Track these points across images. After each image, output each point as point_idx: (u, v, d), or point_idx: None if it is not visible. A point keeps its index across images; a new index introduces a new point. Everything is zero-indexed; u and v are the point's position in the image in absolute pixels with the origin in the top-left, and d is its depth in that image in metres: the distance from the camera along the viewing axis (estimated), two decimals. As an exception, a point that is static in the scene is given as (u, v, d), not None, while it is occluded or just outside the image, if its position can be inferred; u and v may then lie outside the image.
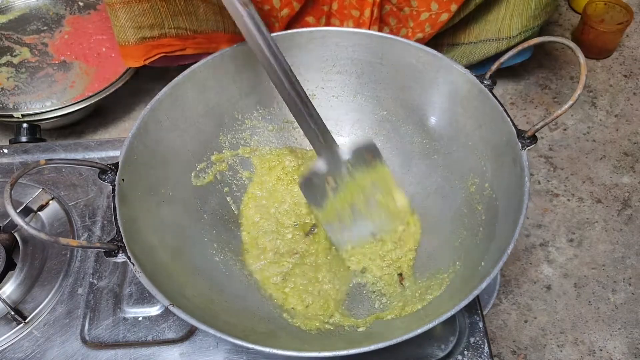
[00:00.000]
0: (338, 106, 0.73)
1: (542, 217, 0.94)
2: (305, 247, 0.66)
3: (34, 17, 1.12)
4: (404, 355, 0.58)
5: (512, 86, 1.12)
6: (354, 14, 0.88)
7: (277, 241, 0.66)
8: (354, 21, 0.88)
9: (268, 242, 0.66)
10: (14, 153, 0.77)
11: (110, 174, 0.54)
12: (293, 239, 0.66)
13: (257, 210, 0.69)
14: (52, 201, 0.71)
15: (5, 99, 0.99)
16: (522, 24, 0.93)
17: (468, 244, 0.60)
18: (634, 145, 1.03)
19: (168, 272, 0.54)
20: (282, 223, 0.68)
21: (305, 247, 0.66)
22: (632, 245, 0.90)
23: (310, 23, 0.92)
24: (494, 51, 0.97)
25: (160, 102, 0.61)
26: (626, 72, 1.14)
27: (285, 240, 0.66)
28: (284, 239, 0.66)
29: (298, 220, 0.68)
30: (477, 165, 0.62)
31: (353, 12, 0.88)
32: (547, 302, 0.85)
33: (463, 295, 0.48)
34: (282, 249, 0.65)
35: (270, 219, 0.68)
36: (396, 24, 0.92)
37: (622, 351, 0.80)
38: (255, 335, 0.53)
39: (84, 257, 0.67)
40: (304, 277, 0.62)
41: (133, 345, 0.59)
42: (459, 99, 0.63)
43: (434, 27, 0.89)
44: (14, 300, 0.62)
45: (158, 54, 0.84)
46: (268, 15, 0.86)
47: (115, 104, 1.08)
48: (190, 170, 0.66)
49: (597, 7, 1.13)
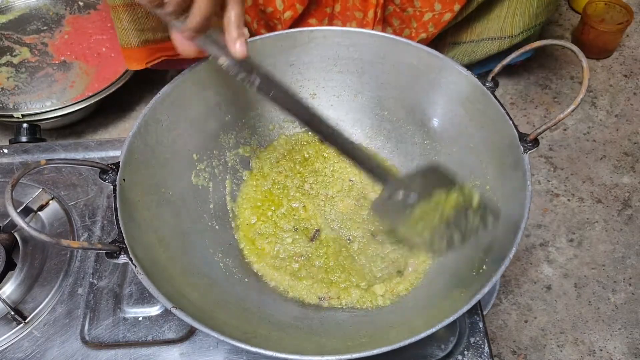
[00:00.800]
0: (339, 106, 0.73)
1: (542, 217, 0.94)
2: (311, 251, 0.65)
3: (34, 17, 1.12)
4: (404, 356, 0.58)
5: (512, 86, 1.12)
6: (357, 16, 0.87)
7: (276, 245, 0.65)
8: (357, 22, 0.88)
9: (267, 245, 0.66)
10: (14, 153, 0.76)
11: (111, 174, 0.53)
12: (294, 243, 0.66)
13: (253, 212, 0.68)
14: (52, 201, 0.71)
15: (5, 99, 0.99)
16: (524, 23, 0.93)
17: (469, 247, 0.60)
18: (634, 145, 1.03)
19: (168, 273, 0.54)
20: (281, 227, 0.67)
21: (311, 251, 0.65)
22: (632, 245, 0.90)
23: (312, 25, 0.92)
24: (496, 49, 0.97)
25: (160, 102, 0.60)
26: (626, 72, 1.14)
27: (285, 244, 0.66)
28: (283, 242, 0.66)
29: (297, 224, 0.68)
30: (478, 167, 0.62)
31: (356, 14, 0.87)
32: (547, 302, 0.85)
33: (465, 299, 0.48)
34: (282, 253, 0.65)
35: (268, 222, 0.68)
36: (399, 25, 0.92)
37: (622, 351, 0.80)
38: (257, 337, 0.52)
39: (84, 257, 0.67)
40: (312, 279, 0.62)
41: (133, 345, 0.59)
42: (461, 101, 0.63)
43: (437, 27, 0.89)
44: (14, 300, 0.62)
45: (160, 57, 0.84)
46: (271, 17, 0.86)
47: (115, 104, 1.08)
48: (190, 169, 0.65)
49: (597, 7, 1.13)
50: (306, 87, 0.72)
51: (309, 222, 0.68)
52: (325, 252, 0.65)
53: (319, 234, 0.67)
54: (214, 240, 0.64)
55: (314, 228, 0.67)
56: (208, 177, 0.67)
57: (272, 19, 0.87)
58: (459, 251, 0.59)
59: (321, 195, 0.70)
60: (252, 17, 0.90)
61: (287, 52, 0.68)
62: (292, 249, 0.65)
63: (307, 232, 0.67)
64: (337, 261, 0.64)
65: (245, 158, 0.72)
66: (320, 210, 0.69)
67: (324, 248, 0.65)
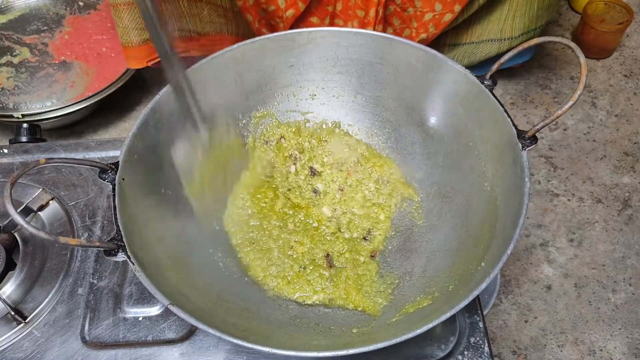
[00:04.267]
0: (338, 106, 0.73)
1: (542, 217, 0.94)
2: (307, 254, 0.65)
3: (34, 17, 1.13)
4: (404, 355, 0.58)
5: (512, 86, 1.12)
6: (359, 14, 0.88)
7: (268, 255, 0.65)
8: (359, 21, 0.89)
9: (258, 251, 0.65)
10: (14, 153, 0.77)
11: (110, 173, 0.54)
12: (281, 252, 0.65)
13: (234, 225, 0.67)
14: (52, 201, 0.71)
15: (5, 99, 0.99)
16: (525, 25, 0.93)
17: (468, 244, 0.60)
18: (634, 145, 1.03)
19: (168, 271, 0.54)
20: (271, 234, 0.66)
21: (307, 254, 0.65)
22: (632, 245, 0.90)
23: (314, 23, 0.92)
24: (496, 51, 0.97)
25: (161, 102, 0.61)
26: (626, 72, 1.14)
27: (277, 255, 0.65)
28: (275, 252, 0.65)
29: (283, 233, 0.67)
30: (477, 165, 0.62)
31: (358, 12, 0.88)
32: (548, 302, 0.85)
33: (463, 296, 0.48)
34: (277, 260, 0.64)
35: (255, 230, 0.67)
36: (400, 25, 0.92)
37: (622, 351, 0.80)
38: (256, 334, 0.52)
39: (84, 257, 0.67)
40: (311, 285, 0.63)
41: (133, 345, 0.59)
42: (460, 100, 0.63)
43: (437, 28, 0.89)
44: (14, 300, 0.62)
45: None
46: (273, 16, 0.87)
47: (115, 104, 1.08)
48: (190, 170, 0.65)
49: (597, 7, 1.13)
50: (306, 88, 0.72)
51: (296, 236, 0.67)
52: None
53: (331, 260, 0.65)
54: (213, 239, 0.64)
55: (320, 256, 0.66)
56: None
57: (274, 18, 0.87)
58: (455, 245, 0.59)
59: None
60: (253, 16, 0.90)
61: (287, 53, 0.68)
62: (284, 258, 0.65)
63: (315, 263, 0.65)
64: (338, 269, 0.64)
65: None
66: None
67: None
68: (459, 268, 0.58)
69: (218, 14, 0.86)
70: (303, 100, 0.72)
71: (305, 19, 0.91)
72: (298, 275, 0.63)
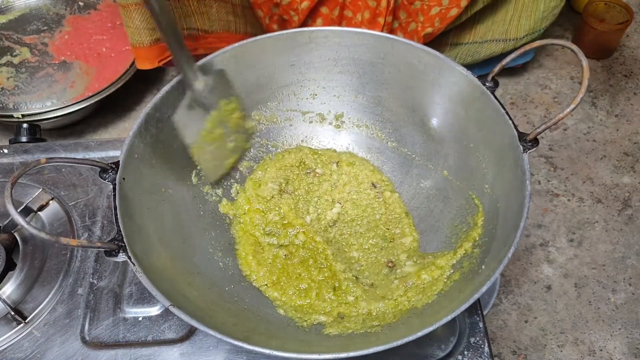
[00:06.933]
0: (339, 106, 0.73)
1: (542, 217, 0.94)
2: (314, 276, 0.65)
3: (34, 17, 1.12)
4: (404, 355, 0.58)
5: (512, 86, 1.12)
6: (371, 4, 0.89)
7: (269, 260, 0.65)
8: (370, 12, 0.89)
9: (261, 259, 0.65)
10: (14, 153, 0.76)
11: (111, 173, 0.53)
12: (275, 259, 0.65)
13: (240, 228, 0.67)
14: (52, 201, 0.71)
15: (5, 99, 0.99)
16: (530, 26, 0.93)
17: (468, 246, 0.60)
18: (634, 145, 1.03)
19: (168, 272, 0.54)
20: (269, 242, 0.66)
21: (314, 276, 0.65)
22: (632, 245, 0.90)
23: (324, 13, 0.92)
24: (500, 51, 0.97)
25: (161, 102, 0.60)
26: (626, 72, 1.14)
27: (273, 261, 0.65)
28: (271, 258, 0.65)
29: (281, 240, 0.66)
30: (478, 167, 0.62)
31: (370, 3, 0.89)
32: (548, 302, 0.85)
33: (463, 298, 0.48)
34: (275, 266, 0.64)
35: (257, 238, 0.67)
36: (406, 18, 0.92)
37: (622, 351, 0.80)
38: (256, 336, 0.52)
39: (84, 257, 0.67)
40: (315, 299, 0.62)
41: (133, 345, 0.59)
42: (461, 101, 0.63)
43: (443, 22, 0.89)
44: (14, 300, 0.62)
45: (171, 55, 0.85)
46: (287, 9, 0.88)
47: (115, 104, 1.08)
48: (190, 169, 0.65)
49: (597, 7, 1.13)
50: (307, 87, 0.72)
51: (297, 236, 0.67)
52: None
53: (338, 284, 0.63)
54: (213, 239, 0.64)
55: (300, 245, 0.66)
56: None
57: (287, 11, 0.88)
58: (456, 247, 0.59)
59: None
60: (264, 12, 0.90)
61: (288, 53, 0.68)
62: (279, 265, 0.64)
63: (290, 249, 0.65)
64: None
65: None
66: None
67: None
68: (458, 270, 0.58)
69: (227, 11, 0.87)
70: (304, 99, 0.72)
71: (316, 9, 0.92)
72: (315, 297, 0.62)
